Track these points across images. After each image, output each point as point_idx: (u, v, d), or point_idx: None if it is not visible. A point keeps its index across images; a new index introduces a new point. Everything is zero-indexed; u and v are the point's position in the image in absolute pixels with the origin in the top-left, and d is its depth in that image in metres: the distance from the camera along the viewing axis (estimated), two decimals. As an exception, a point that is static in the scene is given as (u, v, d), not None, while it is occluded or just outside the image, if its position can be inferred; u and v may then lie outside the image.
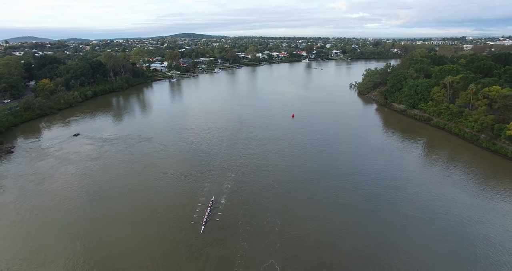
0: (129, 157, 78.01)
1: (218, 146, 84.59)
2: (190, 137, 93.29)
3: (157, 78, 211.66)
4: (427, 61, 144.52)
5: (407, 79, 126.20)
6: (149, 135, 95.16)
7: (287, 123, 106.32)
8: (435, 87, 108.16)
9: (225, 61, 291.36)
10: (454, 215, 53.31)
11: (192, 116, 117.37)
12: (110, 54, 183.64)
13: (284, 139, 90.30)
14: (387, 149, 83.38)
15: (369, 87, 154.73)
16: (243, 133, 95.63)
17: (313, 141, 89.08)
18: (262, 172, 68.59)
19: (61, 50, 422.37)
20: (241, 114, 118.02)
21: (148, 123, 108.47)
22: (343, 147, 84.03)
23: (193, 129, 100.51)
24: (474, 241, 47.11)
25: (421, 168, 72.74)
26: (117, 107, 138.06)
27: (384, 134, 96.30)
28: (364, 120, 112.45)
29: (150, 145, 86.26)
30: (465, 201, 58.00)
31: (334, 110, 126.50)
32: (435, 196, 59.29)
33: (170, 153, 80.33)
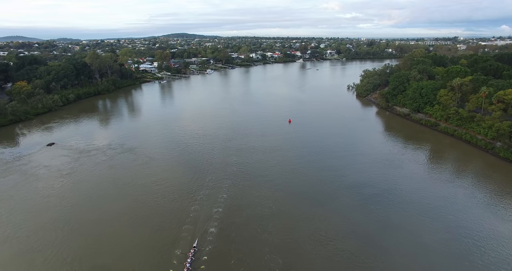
0: (107, 172, 68.11)
1: (208, 158, 75.13)
2: (178, 146, 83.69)
3: (146, 80, 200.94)
4: (429, 62, 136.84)
5: (410, 81, 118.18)
6: (133, 144, 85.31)
7: (284, 130, 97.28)
8: (442, 90, 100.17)
9: (218, 62, 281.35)
10: (492, 251, 44.86)
11: (181, 123, 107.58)
12: (96, 55, 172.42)
13: (281, 149, 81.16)
14: (397, 159, 74.80)
15: (369, 89, 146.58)
16: (236, 142, 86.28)
17: (313, 151, 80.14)
18: (258, 191, 59.38)
19: (49, 50, 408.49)
20: (234, 120, 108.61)
21: (133, 131, 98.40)
22: (347, 158, 75.18)
23: (181, 137, 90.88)
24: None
25: (440, 183, 64.26)
26: (101, 112, 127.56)
27: (390, 142, 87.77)
28: (366, 126, 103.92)
29: (132, 157, 76.42)
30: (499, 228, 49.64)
31: (333, 114, 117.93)
32: (465, 223, 50.85)
33: (154, 167, 70.62)
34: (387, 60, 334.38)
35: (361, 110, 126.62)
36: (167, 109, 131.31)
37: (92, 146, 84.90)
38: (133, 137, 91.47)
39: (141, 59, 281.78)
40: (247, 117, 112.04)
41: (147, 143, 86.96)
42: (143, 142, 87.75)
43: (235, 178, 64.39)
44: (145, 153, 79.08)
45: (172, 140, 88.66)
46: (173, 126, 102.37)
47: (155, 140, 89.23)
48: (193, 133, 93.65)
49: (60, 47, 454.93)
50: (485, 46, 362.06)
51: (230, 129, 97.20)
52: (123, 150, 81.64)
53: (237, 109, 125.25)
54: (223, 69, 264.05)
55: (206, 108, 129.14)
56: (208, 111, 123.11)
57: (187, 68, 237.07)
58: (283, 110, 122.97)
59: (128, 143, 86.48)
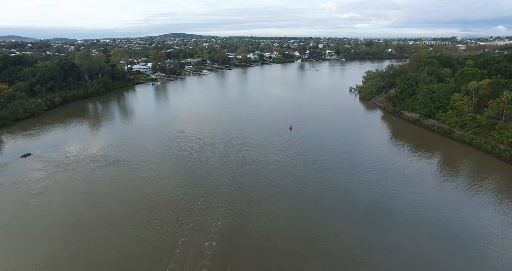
0: (83, 192, 58.68)
1: (202, 173, 65.99)
2: (168, 158, 74.48)
3: (139, 81, 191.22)
4: (437, 63, 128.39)
5: (419, 83, 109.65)
6: (118, 156, 76.02)
7: (285, 139, 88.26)
8: (456, 94, 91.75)
9: (215, 62, 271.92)
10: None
11: (174, 130, 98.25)
12: (85, 55, 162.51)
13: (283, 163, 72.01)
14: (413, 174, 65.95)
15: (373, 92, 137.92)
16: (234, 154, 77.11)
17: (319, 165, 71.13)
18: (259, 217, 50.39)
19: (42, 50, 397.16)
20: (231, 128, 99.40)
21: (120, 140, 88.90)
22: (357, 173, 66.26)
23: (173, 148, 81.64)
24: None
25: (468, 204, 55.57)
26: (88, 117, 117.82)
27: (403, 153, 78.76)
28: (374, 134, 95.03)
29: (115, 172, 67.08)
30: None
31: (336, 120, 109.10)
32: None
33: (138, 186, 61.25)
34: (387, 60, 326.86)
35: (366, 115, 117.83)
36: (158, 114, 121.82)
37: (72, 157, 75.49)
38: (119, 147, 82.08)
39: (135, 59, 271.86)
40: (245, 124, 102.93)
41: (134, 154, 77.63)
42: (130, 153, 78.43)
43: (232, 199, 55.32)
44: (131, 166, 69.79)
45: (163, 151, 79.43)
46: (165, 134, 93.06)
47: (143, 151, 79.90)
48: (186, 143, 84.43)
49: (54, 47, 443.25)
50: (485, 46, 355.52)
51: (226, 138, 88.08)
52: (107, 162, 72.27)
53: (235, 115, 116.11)
54: (219, 70, 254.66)
55: (201, 112, 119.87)
56: (203, 116, 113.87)
57: (183, 69, 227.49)
58: (283, 115, 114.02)
59: (113, 154, 77.15)
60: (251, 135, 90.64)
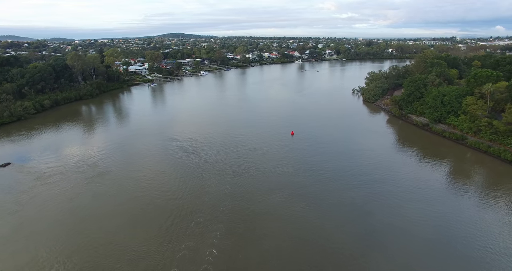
0: (64, 210, 52.15)
1: (197, 186, 59.53)
2: (161, 168, 67.95)
3: (135, 83, 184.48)
4: (444, 64, 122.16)
5: (427, 86, 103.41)
6: (107, 165, 69.55)
7: (287, 146, 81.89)
8: (469, 97, 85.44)
9: (213, 63, 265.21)
10: None
11: (168, 136, 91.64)
12: (78, 55, 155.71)
13: (286, 176, 65.71)
14: (433, 190, 59.73)
15: (377, 94, 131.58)
16: (231, 161, 70.68)
17: (324, 178, 64.69)
18: (260, 244, 44.05)
19: (39, 50, 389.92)
20: (228, 132, 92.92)
21: (110, 147, 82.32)
22: (370, 189, 59.94)
23: (166, 155, 75.15)
24: None
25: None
26: (79, 120, 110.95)
27: (416, 164, 72.38)
28: (382, 141, 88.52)
29: (100, 186, 60.45)
30: None
31: (340, 124, 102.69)
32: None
33: (124, 202, 54.77)
34: (388, 61, 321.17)
35: (371, 119, 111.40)
36: (153, 118, 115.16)
37: (57, 167, 68.91)
38: (108, 155, 75.54)
39: (132, 60, 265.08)
40: (244, 128, 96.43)
41: (124, 163, 71.11)
42: (120, 162, 71.92)
43: (229, 219, 48.88)
44: (118, 179, 63.25)
45: (155, 160, 72.86)
46: (159, 140, 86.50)
47: (134, 160, 73.38)
48: (181, 149, 77.96)
49: (51, 47, 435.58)
50: (487, 46, 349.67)
51: (224, 144, 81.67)
52: (94, 174, 65.74)
53: (233, 119, 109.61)
54: (218, 70, 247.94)
55: (199, 116, 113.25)
56: (201, 120, 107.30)
57: (180, 70, 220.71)
58: (284, 119, 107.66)
59: (101, 164, 70.65)
60: (251, 141, 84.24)
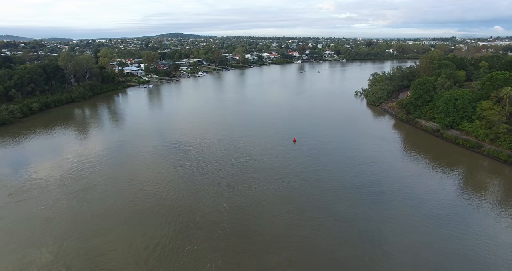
0: (35, 234, 45.50)
1: (191, 205, 52.99)
2: (151, 182, 61.30)
3: (131, 84, 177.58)
4: (453, 66, 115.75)
5: (437, 89, 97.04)
6: (92, 179, 62.88)
7: (289, 154, 75.27)
8: (484, 101, 79.13)
9: (211, 63, 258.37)
10: None
11: (161, 143, 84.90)
12: (70, 56, 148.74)
13: (289, 190, 59.19)
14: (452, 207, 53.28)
15: (382, 96, 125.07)
16: (229, 172, 64.07)
17: (332, 195, 58.24)
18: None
19: (35, 50, 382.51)
20: (226, 139, 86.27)
21: (98, 157, 75.58)
22: (384, 207, 53.48)
23: (159, 166, 68.46)
24: None
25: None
26: (68, 125, 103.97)
27: (433, 176, 65.82)
28: (392, 149, 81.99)
29: (84, 204, 53.80)
30: None
31: (344, 130, 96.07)
32: None
33: (107, 225, 48.20)
34: (389, 61, 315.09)
35: (377, 124, 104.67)
36: (146, 124, 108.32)
37: (37, 180, 62.22)
38: (95, 166, 68.83)
39: (129, 60, 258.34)
40: (242, 135, 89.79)
41: (111, 177, 64.43)
42: (106, 175, 65.25)
43: (225, 246, 42.31)
44: (102, 195, 56.60)
45: (145, 172, 66.14)
46: (151, 149, 79.78)
47: (123, 172, 66.67)
48: (175, 160, 71.32)
49: (48, 47, 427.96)
50: (489, 47, 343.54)
51: (222, 153, 75.00)
52: (77, 188, 59.08)
53: (232, 124, 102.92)
54: (216, 71, 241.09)
55: (194, 121, 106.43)
56: (197, 125, 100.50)
57: (177, 71, 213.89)
58: (285, 123, 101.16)
59: (87, 176, 64.01)
60: (250, 149, 77.65)
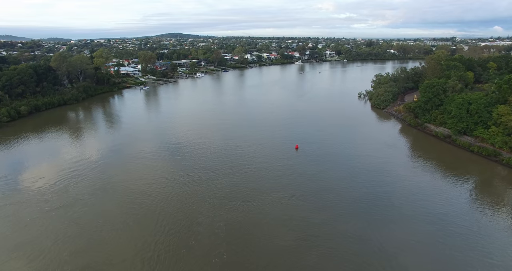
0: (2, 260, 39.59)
1: (182, 226, 47.07)
2: (138, 196, 55.36)
3: (126, 86, 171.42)
4: (462, 67, 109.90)
5: (448, 92, 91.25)
6: (77, 193, 56.94)
7: (291, 164, 69.33)
8: (501, 106, 73.34)
9: (210, 64, 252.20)
10: None
11: (153, 151, 78.99)
12: (62, 57, 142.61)
13: (291, 209, 53.32)
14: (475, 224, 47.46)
15: (387, 99, 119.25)
16: (225, 184, 58.16)
17: (341, 210, 52.44)
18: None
19: (32, 50, 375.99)
20: (224, 147, 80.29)
21: (85, 166, 69.61)
22: (401, 228, 47.66)
23: (149, 178, 62.52)
24: None
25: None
26: (58, 130, 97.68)
27: (449, 186, 60.18)
28: (402, 158, 76.17)
29: (62, 225, 47.87)
30: None
31: (350, 136, 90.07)
32: None
33: (84, 247, 42.28)
34: (390, 61, 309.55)
35: (383, 129, 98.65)
36: (138, 130, 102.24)
37: (13, 194, 56.24)
38: (81, 178, 62.87)
39: (126, 60, 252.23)
40: (241, 141, 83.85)
41: (97, 190, 58.49)
42: (93, 187, 59.31)
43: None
44: (87, 214, 50.66)
45: (133, 185, 60.19)
46: (141, 157, 73.80)
47: (110, 185, 60.68)
48: (168, 173, 65.35)
49: (45, 47, 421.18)
50: (490, 47, 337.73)
51: (218, 162, 68.96)
52: (58, 204, 53.14)
53: (229, 129, 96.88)
54: (215, 72, 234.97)
55: (191, 127, 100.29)
56: (193, 131, 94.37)
57: (175, 71, 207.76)
58: (286, 128, 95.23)
59: (72, 190, 58.10)
60: (249, 157, 71.72)
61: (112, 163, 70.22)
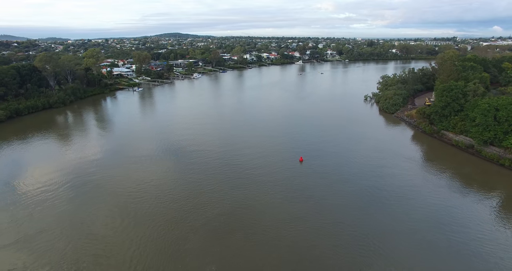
0: None
1: (169, 259, 36.97)
2: (124, 217, 45.25)
3: (119, 87, 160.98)
4: (480, 68, 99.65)
5: (468, 96, 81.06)
6: (41, 221, 46.87)
7: (295, 181, 59.08)
8: (536, 114, 63.16)
9: (208, 64, 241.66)
10: None
11: (135, 165, 68.77)
12: (49, 57, 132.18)
13: (297, 242, 43.19)
14: None
15: (397, 103, 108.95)
16: (221, 205, 47.96)
17: (354, 240, 42.34)
18: None
19: (28, 49, 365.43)
20: (220, 161, 70.05)
21: (57, 185, 59.44)
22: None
23: (135, 197, 52.36)
24: None
25: None
26: (36, 138, 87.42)
27: (486, 210, 50.17)
28: (421, 172, 66.15)
29: (20, 262, 37.80)
30: None
31: (359, 144, 79.70)
32: None
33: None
34: (392, 61, 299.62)
35: (395, 138, 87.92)
36: (124, 140, 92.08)
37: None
38: (51, 201, 52.71)
39: (122, 61, 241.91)
40: (240, 153, 73.60)
41: (67, 216, 48.36)
42: (63, 213, 49.18)
43: None
44: (51, 252, 40.51)
45: (107, 212, 50.03)
46: (120, 177, 63.57)
47: (83, 209, 50.54)
48: (154, 190, 55.17)
49: (42, 47, 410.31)
50: (495, 46, 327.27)
51: (213, 180, 58.75)
52: (16, 238, 42.98)
53: (227, 138, 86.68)
54: (213, 72, 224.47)
55: (184, 135, 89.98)
56: (185, 142, 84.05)
57: (171, 72, 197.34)
58: (288, 137, 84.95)
59: (38, 217, 48.01)
60: (248, 172, 61.52)
61: (88, 181, 59.95)
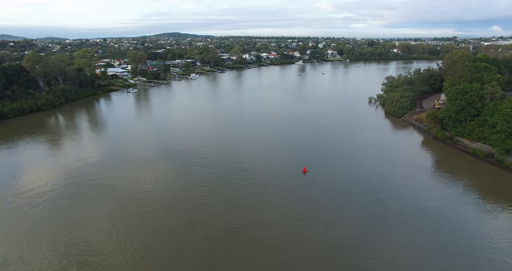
0: None
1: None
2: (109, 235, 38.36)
3: (113, 88, 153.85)
4: (495, 69, 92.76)
5: (485, 100, 74.24)
6: (10, 248, 39.95)
7: (298, 195, 52.21)
8: None
9: (206, 64, 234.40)
10: None
11: (121, 181, 61.83)
12: (38, 57, 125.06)
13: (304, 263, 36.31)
14: None
15: (405, 106, 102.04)
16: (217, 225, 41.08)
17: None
18: None
19: (24, 49, 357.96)
20: (216, 172, 63.06)
21: (36, 202, 52.52)
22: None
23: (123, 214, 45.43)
24: None
25: None
26: (17, 145, 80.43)
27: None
28: (440, 186, 59.30)
29: None
30: None
31: (366, 152, 72.63)
32: None
33: None
34: (394, 61, 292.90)
35: (405, 145, 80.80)
36: (115, 148, 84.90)
37: None
38: (28, 223, 45.81)
39: (118, 60, 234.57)
40: (237, 161, 66.65)
41: (47, 240, 41.47)
42: (43, 235, 42.28)
43: None
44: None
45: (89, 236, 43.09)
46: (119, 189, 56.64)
47: (58, 235, 43.65)
48: (144, 206, 48.22)
49: (38, 47, 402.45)
50: (497, 46, 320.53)
51: (207, 195, 51.83)
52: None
53: (224, 145, 79.71)
54: (211, 73, 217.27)
55: (177, 143, 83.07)
56: (179, 151, 77.14)
57: (168, 73, 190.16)
58: (290, 144, 77.95)
59: (3, 246, 41.03)
60: (247, 183, 54.61)
61: (70, 202, 52.99)
